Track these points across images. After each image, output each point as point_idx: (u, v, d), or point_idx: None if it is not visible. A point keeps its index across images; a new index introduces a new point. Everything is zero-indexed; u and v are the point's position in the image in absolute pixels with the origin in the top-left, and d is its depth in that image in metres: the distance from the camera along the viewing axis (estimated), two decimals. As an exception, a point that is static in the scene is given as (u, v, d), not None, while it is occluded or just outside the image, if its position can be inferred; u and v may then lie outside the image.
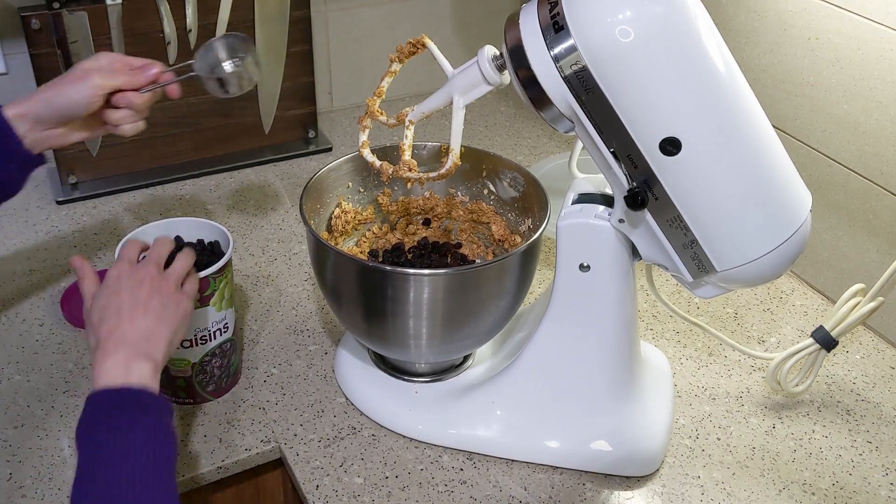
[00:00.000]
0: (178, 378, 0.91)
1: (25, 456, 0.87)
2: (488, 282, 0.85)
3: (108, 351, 0.71)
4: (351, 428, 0.92)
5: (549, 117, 0.74)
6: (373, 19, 1.49)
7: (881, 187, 1.02)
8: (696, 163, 0.70)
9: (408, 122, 0.85)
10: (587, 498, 0.86)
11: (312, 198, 0.92)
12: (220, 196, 1.31)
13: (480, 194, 1.01)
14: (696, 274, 0.76)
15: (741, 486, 0.87)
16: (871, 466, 0.90)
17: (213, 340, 0.90)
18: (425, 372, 0.95)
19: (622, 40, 0.66)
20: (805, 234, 0.74)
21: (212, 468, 0.87)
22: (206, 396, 0.93)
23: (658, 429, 0.89)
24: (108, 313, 0.74)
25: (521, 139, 1.48)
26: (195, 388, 0.92)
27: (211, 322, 0.89)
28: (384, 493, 0.85)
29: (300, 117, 1.41)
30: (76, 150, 1.26)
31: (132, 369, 0.70)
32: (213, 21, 1.27)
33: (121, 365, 0.70)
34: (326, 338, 1.04)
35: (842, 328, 0.92)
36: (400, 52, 0.86)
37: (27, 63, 1.22)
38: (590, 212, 0.80)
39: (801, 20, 1.05)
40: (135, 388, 0.70)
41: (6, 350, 1.00)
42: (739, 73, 0.71)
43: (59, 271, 1.13)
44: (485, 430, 0.89)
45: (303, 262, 1.17)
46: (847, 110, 1.03)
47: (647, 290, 1.12)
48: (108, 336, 0.72)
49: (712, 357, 1.03)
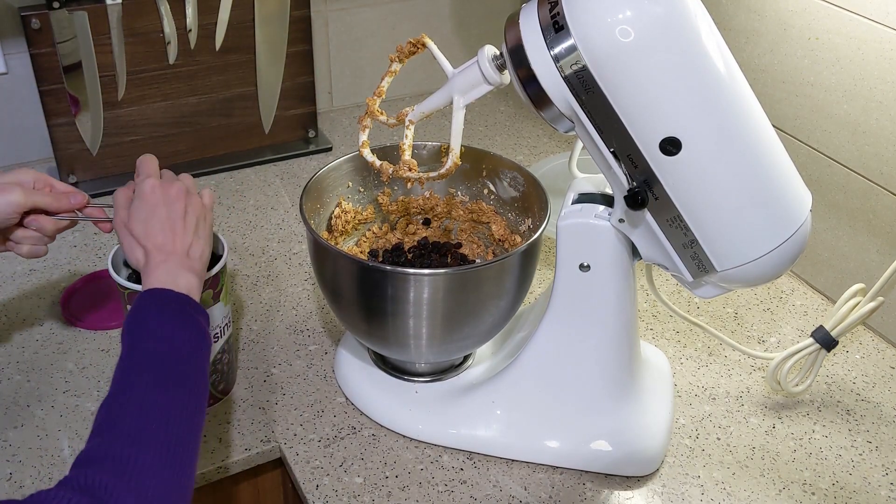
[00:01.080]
0: None
1: (25, 456, 0.87)
2: (488, 282, 0.85)
3: (160, 262, 0.74)
4: (351, 428, 0.92)
5: (549, 117, 0.74)
6: (373, 19, 1.49)
7: (881, 187, 1.02)
8: (697, 163, 0.70)
9: (408, 121, 0.85)
10: (587, 498, 0.86)
11: (312, 198, 0.92)
12: (220, 196, 1.31)
13: (480, 194, 1.01)
14: (696, 274, 0.77)
15: (741, 486, 0.87)
16: (871, 466, 0.90)
17: (223, 336, 0.91)
18: (425, 372, 0.95)
19: (622, 40, 0.66)
20: (805, 234, 0.74)
21: (212, 468, 0.87)
22: (218, 396, 0.93)
23: (658, 429, 0.89)
24: (153, 227, 0.76)
25: (521, 139, 1.48)
26: (210, 391, 0.92)
27: (221, 317, 0.89)
28: (384, 493, 0.85)
29: (300, 117, 1.41)
30: (76, 150, 1.26)
31: (180, 278, 0.74)
32: (213, 21, 1.28)
33: (171, 274, 0.74)
34: (326, 338, 1.04)
35: (842, 328, 0.92)
36: (400, 52, 0.86)
37: (27, 63, 1.23)
38: (590, 212, 0.80)
39: (801, 20, 1.05)
40: (182, 294, 0.73)
41: (6, 350, 1.00)
42: (739, 73, 0.71)
43: (60, 271, 1.13)
44: (485, 430, 0.89)
45: (303, 262, 1.17)
46: (847, 110, 1.03)
47: (647, 290, 1.12)
48: (157, 249, 0.75)
49: (712, 357, 1.03)
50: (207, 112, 1.34)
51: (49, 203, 0.81)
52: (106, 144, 1.28)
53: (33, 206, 0.80)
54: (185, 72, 1.29)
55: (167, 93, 1.30)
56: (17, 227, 0.81)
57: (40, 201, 0.80)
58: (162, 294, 0.72)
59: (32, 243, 0.82)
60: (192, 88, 1.31)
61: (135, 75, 1.26)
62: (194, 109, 1.33)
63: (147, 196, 0.77)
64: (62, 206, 0.82)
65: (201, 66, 1.30)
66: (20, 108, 1.30)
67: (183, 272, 0.75)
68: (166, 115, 1.31)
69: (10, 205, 0.78)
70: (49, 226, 0.82)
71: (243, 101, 1.36)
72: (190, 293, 0.74)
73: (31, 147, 1.33)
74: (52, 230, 0.82)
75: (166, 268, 0.74)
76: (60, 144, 1.26)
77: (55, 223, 0.82)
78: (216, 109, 1.34)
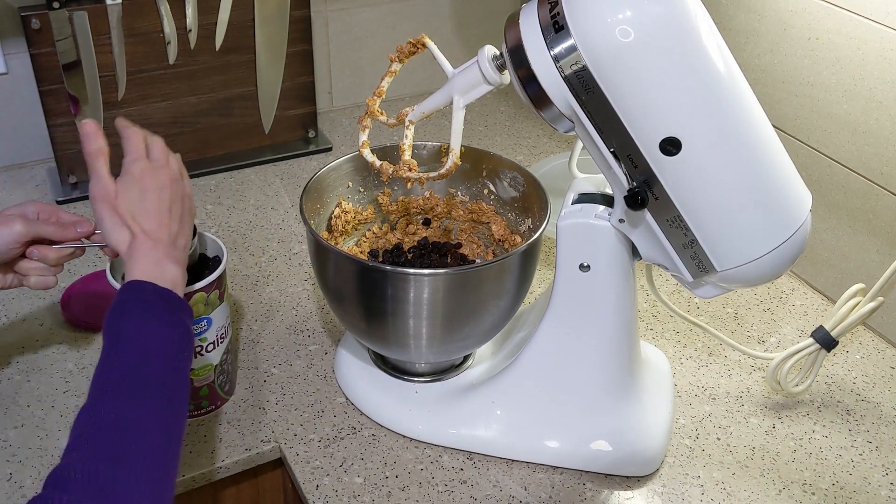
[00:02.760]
0: (201, 388, 0.90)
1: (25, 456, 0.87)
2: (488, 282, 0.85)
3: (148, 248, 0.72)
4: (351, 428, 0.92)
5: (549, 117, 0.74)
6: (373, 19, 1.49)
7: (881, 187, 1.02)
8: (696, 163, 0.70)
9: (408, 122, 0.85)
10: (587, 498, 0.86)
11: (312, 198, 0.92)
12: (220, 196, 1.31)
13: (480, 194, 1.01)
14: (696, 274, 0.76)
15: (741, 486, 0.87)
16: (871, 466, 0.90)
17: (227, 336, 0.91)
18: (425, 372, 0.95)
19: (622, 40, 0.66)
20: (805, 234, 0.74)
21: (212, 468, 0.87)
22: (224, 397, 0.93)
23: (658, 429, 0.89)
24: (140, 211, 0.74)
25: (521, 139, 1.48)
26: (216, 392, 0.92)
27: (225, 317, 0.89)
28: (384, 493, 0.85)
29: (300, 117, 1.41)
30: (76, 150, 1.26)
31: (165, 269, 0.72)
32: (213, 21, 1.28)
33: (158, 263, 0.72)
34: (326, 338, 1.04)
35: (842, 328, 0.92)
36: (400, 52, 0.86)
37: (27, 63, 1.23)
38: (590, 212, 0.80)
39: (801, 20, 1.05)
40: (166, 287, 0.71)
41: (6, 350, 1.00)
42: (739, 73, 0.71)
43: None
44: (485, 430, 0.89)
45: (303, 262, 1.17)
46: (847, 110, 1.03)
47: (647, 290, 1.12)
48: (144, 234, 0.73)
49: (712, 357, 1.03)
50: (207, 112, 1.34)
51: (52, 233, 0.80)
52: (106, 144, 1.28)
53: (35, 237, 0.79)
54: (185, 72, 1.29)
55: (167, 93, 1.30)
56: (22, 258, 0.81)
57: (43, 231, 0.79)
58: (146, 288, 0.70)
59: (39, 274, 0.82)
60: (192, 88, 1.31)
61: (135, 75, 1.26)
62: (194, 109, 1.33)
63: (136, 179, 0.75)
64: (67, 236, 0.80)
65: (201, 66, 1.30)
66: (20, 108, 1.30)
67: (169, 263, 0.73)
68: (166, 115, 1.31)
69: (10, 234, 0.77)
70: (51, 255, 0.80)
71: (243, 101, 1.36)
72: (175, 286, 0.72)
73: (31, 147, 1.33)
74: (55, 259, 0.81)
75: (154, 256, 0.72)
76: (60, 144, 1.26)
77: (57, 252, 0.81)
78: (216, 109, 1.34)
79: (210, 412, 0.93)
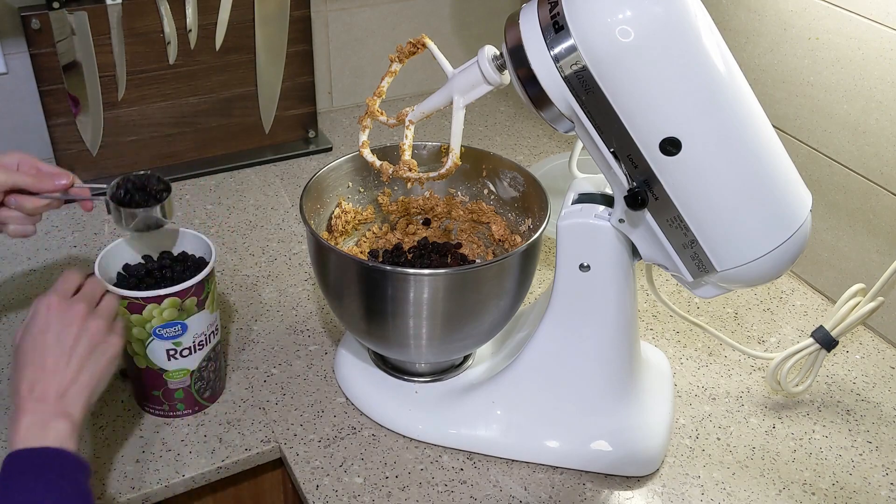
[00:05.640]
0: (176, 390, 0.90)
1: (25, 456, 0.87)
2: (488, 282, 0.85)
3: (28, 410, 0.69)
4: (351, 428, 0.92)
5: (549, 117, 0.74)
6: (373, 19, 1.49)
7: (881, 187, 1.02)
8: (696, 163, 0.70)
9: (408, 122, 0.85)
10: (587, 498, 0.86)
11: (312, 198, 0.92)
12: (220, 196, 1.31)
13: (480, 194, 1.01)
14: (696, 274, 0.77)
15: (741, 486, 0.87)
16: (871, 466, 0.90)
17: (209, 344, 0.90)
18: (425, 372, 0.95)
19: (622, 40, 0.66)
20: (805, 234, 0.74)
21: (212, 468, 0.87)
22: (203, 404, 0.93)
23: (658, 429, 0.89)
24: (33, 360, 0.71)
25: (521, 139, 1.48)
26: (193, 397, 0.91)
27: (206, 325, 0.89)
28: (384, 493, 0.85)
29: (300, 117, 1.41)
30: (76, 150, 1.26)
31: (49, 429, 0.69)
32: (213, 21, 1.28)
33: (38, 425, 0.69)
34: (326, 338, 1.04)
35: (842, 328, 0.92)
36: (400, 52, 0.86)
37: (27, 63, 1.23)
38: (590, 212, 0.80)
39: (801, 20, 1.05)
40: (52, 449, 0.68)
41: (6, 350, 1.00)
42: (739, 73, 0.71)
43: (59, 272, 1.13)
44: (485, 430, 0.89)
45: (303, 262, 1.17)
46: (847, 110, 1.03)
47: (647, 290, 1.12)
48: (27, 393, 0.70)
49: (712, 357, 1.03)
50: (207, 112, 1.34)
51: (30, 183, 0.81)
52: (106, 144, 1.28)
53: (13, 186, 0.81)
54: (185, 72, 1.29)
55: (167, 93, 1.30)
56: (2, 206, 0.83)
57: (21, 181, 0.81)
58: (28, 457, 0.67)
59: (17, 223, 0.84)
60: (192, 88, 1.31)
61: (135, 75, 1.26)
62: (194, 109, 1.33)
63: (38, 319, 0.73)
64: (45, 187, 0.82)
65: (201, 66, 1.30)
66: (20, 108, 1.30)
67: (53, 421, 0.69)
68: (166, 115, 1.31)
69: None
70: (28, 204, 0.82)
71: (243, 101, 1.36)
72: (63, 445, 0.68)
73: (31, 147, 1.33)
74: (31, 208, 0.83)
75: (33, 419, 0.69)
76: (60, 144, 1.26)
77: (35, 202, 0.83)
78: (216, 109, 1.34)
79: (187, 415, 0.92)
